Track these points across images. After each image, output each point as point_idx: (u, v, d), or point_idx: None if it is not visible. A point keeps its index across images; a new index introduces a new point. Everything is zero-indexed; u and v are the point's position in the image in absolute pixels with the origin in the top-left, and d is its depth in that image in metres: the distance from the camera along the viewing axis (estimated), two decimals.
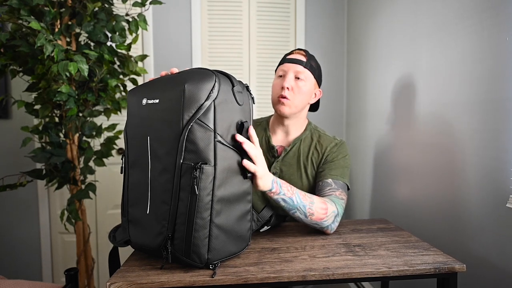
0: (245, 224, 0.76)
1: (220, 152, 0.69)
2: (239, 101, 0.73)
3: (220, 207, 0.70)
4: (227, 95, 0.71)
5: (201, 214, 0.67)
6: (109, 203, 1.98)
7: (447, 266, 0.73)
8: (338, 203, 0.93)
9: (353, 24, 2.08)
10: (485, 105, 0.98)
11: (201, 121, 0.67)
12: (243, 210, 0.76)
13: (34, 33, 1.24)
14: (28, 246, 1.90)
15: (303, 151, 1.08)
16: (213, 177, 0.68)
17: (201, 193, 0.66)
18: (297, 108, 1.04)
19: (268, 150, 1.10)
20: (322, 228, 0.92)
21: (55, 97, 1.22)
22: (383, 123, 1.65)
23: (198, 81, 0.68)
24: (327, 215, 0.89)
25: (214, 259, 0.70)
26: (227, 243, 0.72)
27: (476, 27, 1.01)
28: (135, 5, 1.41)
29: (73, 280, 0.90)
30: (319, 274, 0.70)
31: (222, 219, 0.70)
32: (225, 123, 0.70)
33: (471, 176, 1.04)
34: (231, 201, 0.72)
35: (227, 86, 0.72)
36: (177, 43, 2.05)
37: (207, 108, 0.67)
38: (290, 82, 1.02)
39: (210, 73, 0.70)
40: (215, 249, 0.70)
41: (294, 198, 0.85)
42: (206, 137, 0.67)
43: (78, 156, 1.41)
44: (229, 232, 0.72)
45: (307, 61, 1.04)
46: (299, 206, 0.85)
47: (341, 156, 1.05)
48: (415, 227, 1.34)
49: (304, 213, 0.86)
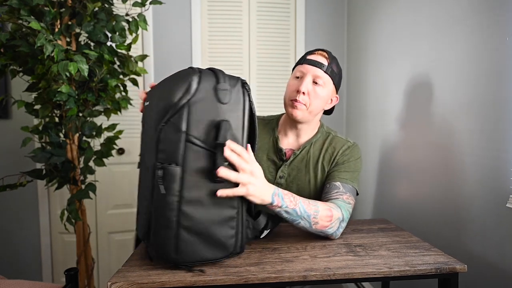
0: (225, 231, 0.71)
1: (191, 154, 0.67)
2: (222, 99, 0.69)
3: (191, 210, 0.68)
4: (207, 94, 0.68)
5: (166, 214, 0.68)
6: (109, 203, 1.98)
7: (448, 267, 0.73)
8: (343, 208, 0.89)
9: (353, 24, 2.08)
10: (485, 105, 0.98)
11: (173, 122, 0.67)
12: (223, 216, 0.71)
13: (34, 33, 1.24)
14: (28, 246, 1.90)
15: (313, 154, 1.03)
16: (180, 178, 0.67)
17: (165, 193, 0.67)
18: (310, 114, 0.98)
19: (275, 152, 1.04)
20: (327, 235, 0.88)
21: (55, 97, 1.22)
22: (383, 123, 1.65)
23: (174, 83, 0.70)
24: (331, 222, 0.85)
25: (183, 260, 0.70)
26: (200, 247, 0.70)
27: (476, 27, 1.01)
28: (135, 5, 1.41)
29: (73, 280, 0.90)
30: (320, 274, 0.70)
31: (194, 223, 0.68)
32: (201, 123, 0.68)
33: (471, 176, 1.04)
34: (206, 205, 0.69)
35: (209, 84, 0.69)
36: (177, 43, 2.05)
37: (180, 108, 0.67)
38: (307, 86, 0.95)
39: (191, 72, 0.69)
40: (183, 251, 0.69)
41: (297, 209, 0.80)
42: (176, 138, 0.67)
43: (78, 156, 1.41)
44: (203, 237, 0.69)
45: (328, 65, 0.97)
46: (303, 216, 0.81)
47: (353, 159, 1.00)
48: (416, 227, 1.34)
49: (309, 223, 0.83)
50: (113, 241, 2.00)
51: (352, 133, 2.10)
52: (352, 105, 2.10)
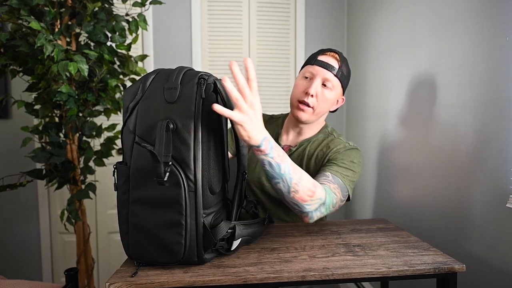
0: (171, 236, 0.68)
1: (136, 153, 0.69)
2: (169, 98, 0.67)
3: (138, 208, 0.69)
4: (154, 93, 0.69)
5: (121, 211, 0.72)
6: (109, 203, 1.98)
7: (446, 266, 0.73)
8: (329, 193, 0.82)
9: (353, 24, 2.07)
10: (485, 105, 0.98)
11: (127, 124, 0.71)
12: (169, 219, 0.67)
13: (34, 33, 1.24)
14: (28, 246, 1.90)
15: (308, 152, 1.01)
16: (128, 177, 0.70)
17: (119, 191, 0.72)
18: (317, 116, 0.98)
19: None
20: (301, 213, 0.81)
21: (55, 97, 1.22)
22: (383, 123, 1.64)
23: (131, 86, 0.73)
24: (312, 198, 0.78)
25: (136, 257, 0.72)
26: (148, 248, 0.69)
27: (476, 27, 1.01)
28: (135, 5, 1.41)
29: (73, 280, 0.90)
30: (319, 274, 0.70)
31: (140, 221, 0.69)
32: (145, 123, 0.68)
33: (471, 176, 1.04)
34: (152, 205, 0.68)
35: (160, 83, 0.70)
36: (177, 43, 2.05)
37: (130, 110, 0.71)
38: (317, 88, 0.94)
39: (147, 75, 0.73)
40: (134, 248, 0.71)
41: (282, 166, 0.73)
42: (129, 139, 0.70)
43: (78, 156, 1.41)
44: (150, 237, 0.69)
45: (339, 68, 0.95)
46: (285, 177, 0.74)
47: (348, 158, 0.94)
48: (415, 227, 1.34)
49: (288, 187, 0.75)
50: (113, 241, 2.00)
51: (352, 133, 2.10)
52: (352, 105, 2.10)
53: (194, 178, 0.67)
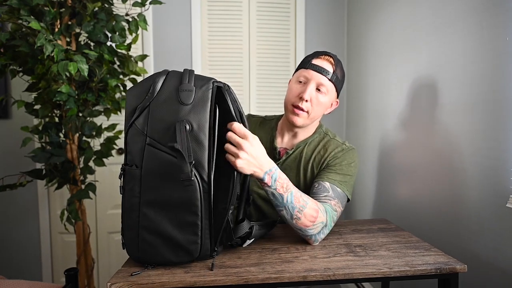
0: (187, 237, 0.69)
1: (149, 155, 0.67)
2: (184, 100, 0.68)
3: (151, 212, 0.68)
4: (169, 95, 0.68)
5: (129, 215, 0.70)
6: (109, 203, 1.98)
7: (448, 267, 0.73)
8: (329, 215, 0.86)
9: (353, 24, 2.07)
10: (485, 105, 0.98)
11: (136, 125, 0.69)
12: (185, 221, 0.69)
13: (34, 33, 1.24)
14: (28, 246, 1.90)
15: (305, 155, 1.01)
16: (139, 180, 0.68)
17: (127, 195, 0.69)
18: (311, 120, 0.98)
19: (271, 151, 1.04)
20: (305, 236, 0.85)
21: (55, 97, 1.22)
22: (383, 123, 1.64)
23: (136, 87, 0.71)
24: (314, 223, 0.82)
25: (146, 260, 0.71)
26: (162, 249, 0.70)
27: (476, 27, 1.01)
28: (135, 5, 1.41)
29: (73, 280, 0.90)
30: (320, 274, 0.70)
31: (153, 223, 0.68)
32: (159, 125, 0.67)
33: (471, 176, 1.04)
34: (166, 208, 0.68)
35: (173, 84, 0.69)
36: (177, 43, 2.05)
37: (140, 111, 0.69)
38: (311, 93, 0.94)
39: (155, 75, 0.71)
40: (145, 251, 0.70)
41: (285, 196, 0.79)
42: (138, 140, 0.69)
43: (78, 156, 1.41)
44: (164, 239, 0.69)
45: (333, 72, 0.95)
46: (288, 206, 0.79)
47: (345, 162, 0.96)
48: (416, 227, 1.34)
49: (290, 215, 0.80)
50: (113, 241, 2.00)
51: (352, 133, 2.10)
52: (352, 105, 2.10)
53: (208, 179, 0.69)
